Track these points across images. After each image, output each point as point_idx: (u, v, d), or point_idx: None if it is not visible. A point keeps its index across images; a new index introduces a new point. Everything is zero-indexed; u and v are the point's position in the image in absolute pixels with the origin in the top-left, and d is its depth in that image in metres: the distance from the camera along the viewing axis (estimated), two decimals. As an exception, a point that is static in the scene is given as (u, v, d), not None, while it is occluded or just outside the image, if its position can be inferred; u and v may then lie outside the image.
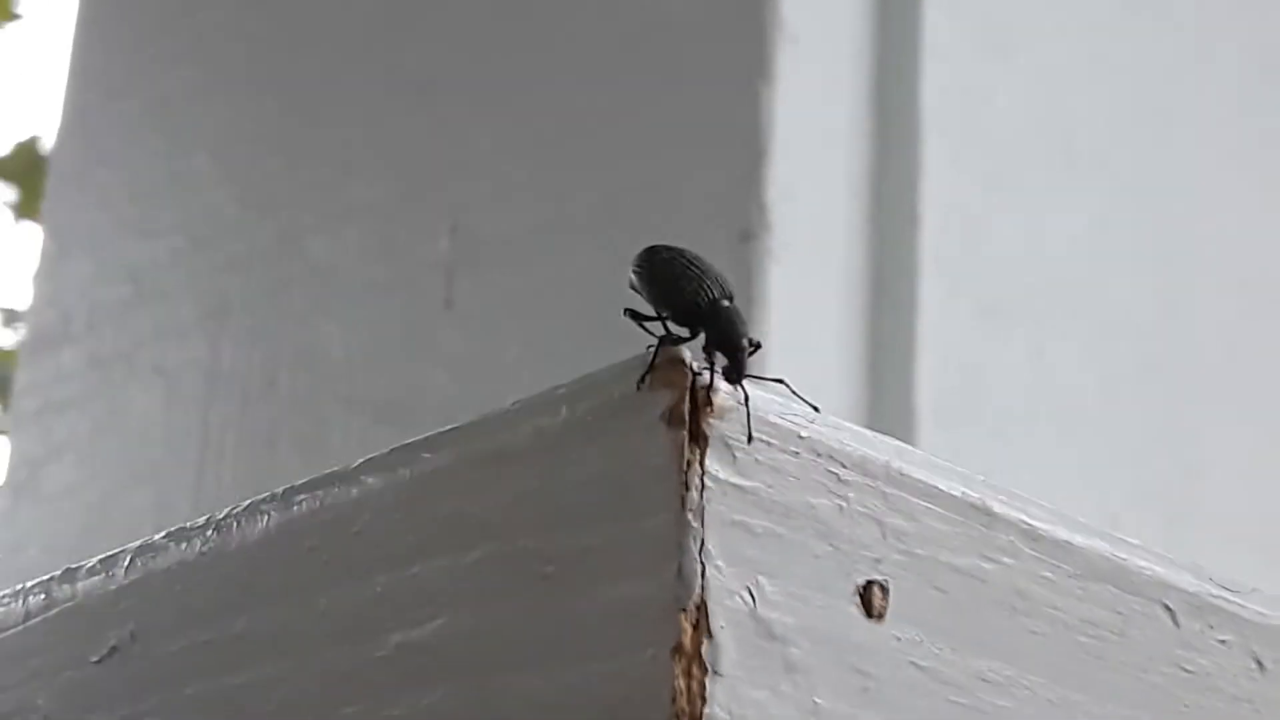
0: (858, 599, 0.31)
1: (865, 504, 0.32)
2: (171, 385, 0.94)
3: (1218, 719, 0.36)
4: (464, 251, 0.81)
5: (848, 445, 0.31)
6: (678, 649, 0.29)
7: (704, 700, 0.29)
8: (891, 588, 0.32)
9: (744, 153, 0.73)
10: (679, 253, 0.34)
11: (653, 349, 0.30)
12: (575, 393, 0.31)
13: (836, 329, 0.74)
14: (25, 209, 1.90)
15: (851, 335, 0.75)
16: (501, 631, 0.31)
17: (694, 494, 0.29)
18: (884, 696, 0.31)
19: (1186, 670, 0.36)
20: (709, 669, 0.29)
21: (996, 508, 0.33)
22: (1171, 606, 0.36)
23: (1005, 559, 0.33)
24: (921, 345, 0.75)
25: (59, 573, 0.39)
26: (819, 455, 0.31)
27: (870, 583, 0.32)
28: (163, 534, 0.37)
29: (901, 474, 0.32)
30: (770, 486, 0.30)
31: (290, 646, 0.35)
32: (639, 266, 0.34)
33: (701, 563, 0.29)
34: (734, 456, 0.30)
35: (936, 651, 0.32)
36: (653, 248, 0.34)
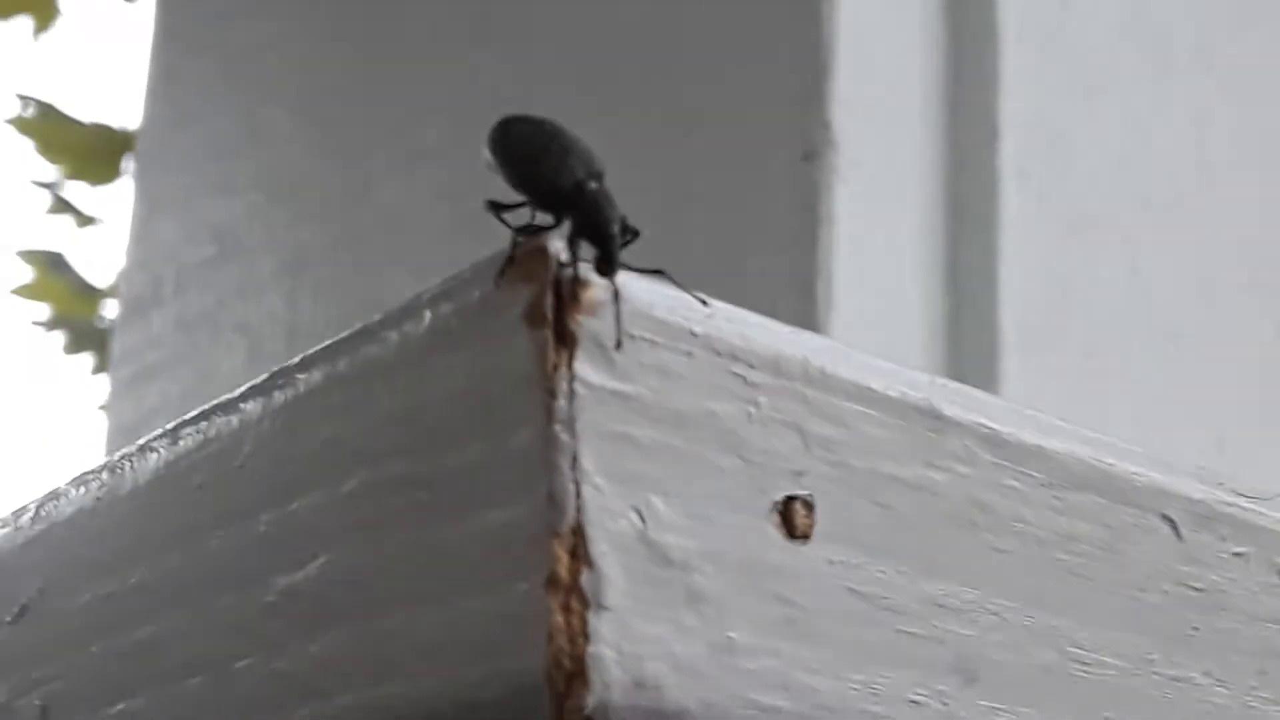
0: (776, 517, 0.27)
1: (780, 409, 0.27)
2: (254, 344, 0.92)
3: (1236, 642, 0.31)
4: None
5: (755, 341, 0.27)
6: (552, 580, 0.25)
7: (586, 637, 0.25)
8: (818, 504, 0.28)
9: (805, 67, 0.69)
10: (539, 125, 0.30)
11: (513, 241, 0.26)
12: (437, 296, 0.27)
13: (911, 251, 0.70)
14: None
15: (927, 257, 0.70)
16: (381, 570, 0.28)
17: (562, 402, 0.26)
18: (815, 628, 0.28)
19: (1194, 588, 0.31)
20: (591, 602, 0.26)
21: (947, 410, 0.29)
22: (1173, 517, 0.31)
23: (960, 468, 0.29)
24: (1005, 265, 0.70)
25: (-24, 527, 0.36)
26: (718, 354, 0.27)
27: (791, 499, 0.28)
28: (67, 481, 0.34)
29: (825, 373, 0.28)
30: (658, 391, 0.26)
31: (185, 596, 0.32)
32: (493, 143, 0.30)
33: (576, 482, 0.26)
34: (611, 359, 0.26)
35: (879, 575, 0.28)
36: (507, 119, 0.30)
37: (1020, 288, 0.69)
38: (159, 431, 0.33)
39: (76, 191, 1.97)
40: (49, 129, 1.94)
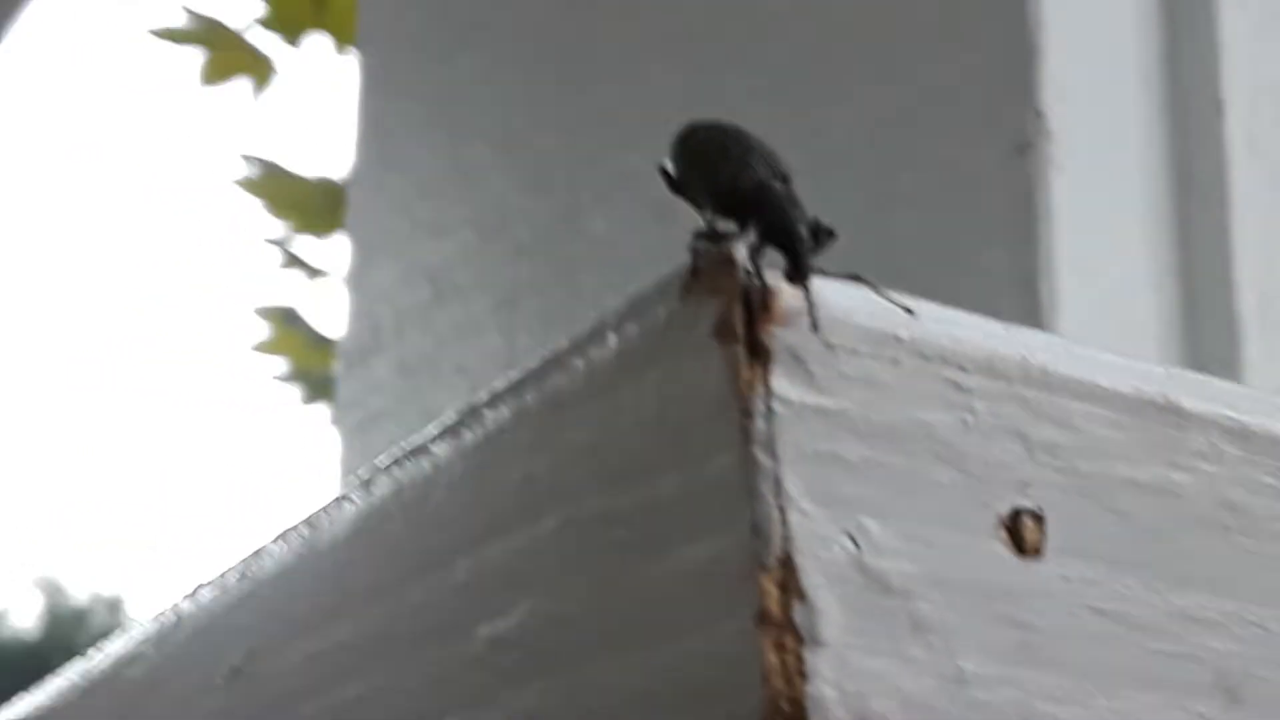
0: (1003, 533, 0.25)
1: (999, 414, 0.25)
2: (474, 383, 0.91)
3: None
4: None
5: (966, 342, 0.25)
6: (763, 617, 0.23)
7: (804, 676, 0.23)
8: (1048, 516, 0.25)
9: (1012, 54, 0.66)
10: (719, 129, 0.28)
11: (693, 250, 0.24)
12: (622, 317, 0.26)
13: (1138, 238, 0.66)
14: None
15: (1156, 243, 0.67)
16: (585, 614, 0.26)
17: (760, 422, 0.24)
18: (1055, 652, 0.25)
19: None
20: (806, 638, 0.24)
21: (1186, 403, 0.27)
22: None
23: (1205, 466, 0.27)
24: (1239, 245, 0.66)
25: (190, 589, 0.36)
26: (927, 359, 0.25)
27: (1018, 512, 0.25)
28: (271, 538, 0.33)
29: (1046, 372, 0.26)
30: (864, 404, 0.24)
31: (389, 651, 0.30)
32: (674, 150, 0.28)
33: (781, 508, 0.24)
34: (810, 371, 0.24)
35: (1123, 590, 0.26)
36: (688, 125, 0.28)
37: (1258, 268, 0.66)
38: (354, 481, 0.31)
39: (305, 246, 2.00)
40: (274, 186, 1.98)
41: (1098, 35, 0.68)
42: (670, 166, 0.28)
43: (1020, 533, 0.25)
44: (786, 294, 0.24)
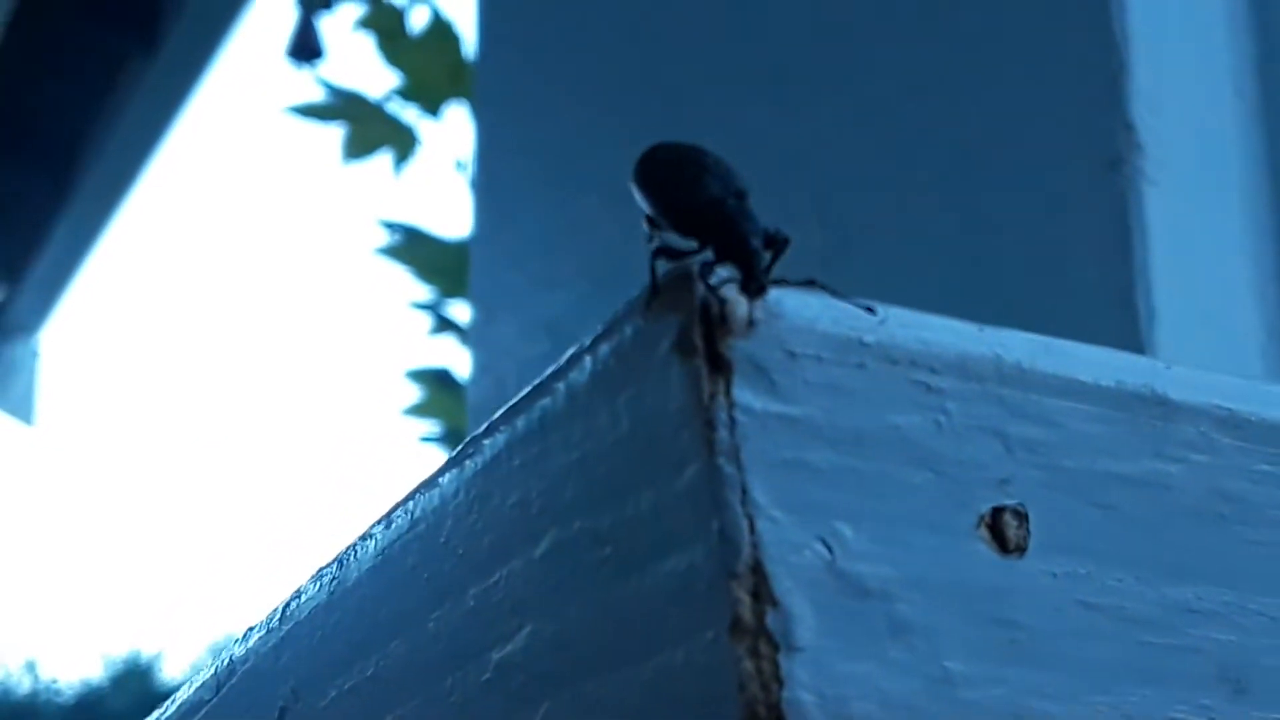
0: (984, 532, 0.25)
1: (974, 414, 0.25)
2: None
3: None
4: (833, 236, 0.76)
5: (936, 344, 0.25)
6: (736, 624, 0.24)
7: (780, 682, 0.24)
8: (1031, 512, 0.25)
9: (1100, 67, 0.65)
10: (677, 149, 0.28)
11: (652, 269, 0.25)
12: (596, 339, 0.26)
13: (1235, 250, 0.65)
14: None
15: (1254, 254, 0.66)
16: (580, 633, 0.27)
17: (723, 433, 0.24)
18: (1044, 648, 0.25)
19: None
20: (780, 644, 0.24)
21: (1175, 395, 0.26)
22: None
23: (1196, 456, 0.26)
24: (1342, 252, 0.65)
25: (240, 635, 0.37)
26: (894, 362, 0.25)
27: (999, 510, 0.25)
28: (307, 577, 0.34)
29: (1022, 370, 0.26)
30: (830, 410, 0.24)
31: (416, 681, 0.31)
32: (635, 172, 0.28)
33: (749, 516, 0.24)
34: (773, 381, 0.24)
35: (1114, 584, 0.26)
36: (649, 148, 0.28)
37: (1361, 273, 0.64)
38: (376, 517, 0.32)
39: (456, 309, 2.02)
40: (417, 252, 2.00)
41: (1188, 46, 0.67)
42: (634, 191, 0.28)
43: (1002, 531, 0.25)
44: (744, 306, 0.24)
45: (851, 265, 0.74)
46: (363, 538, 0.32)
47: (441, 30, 1.96)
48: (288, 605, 0.35)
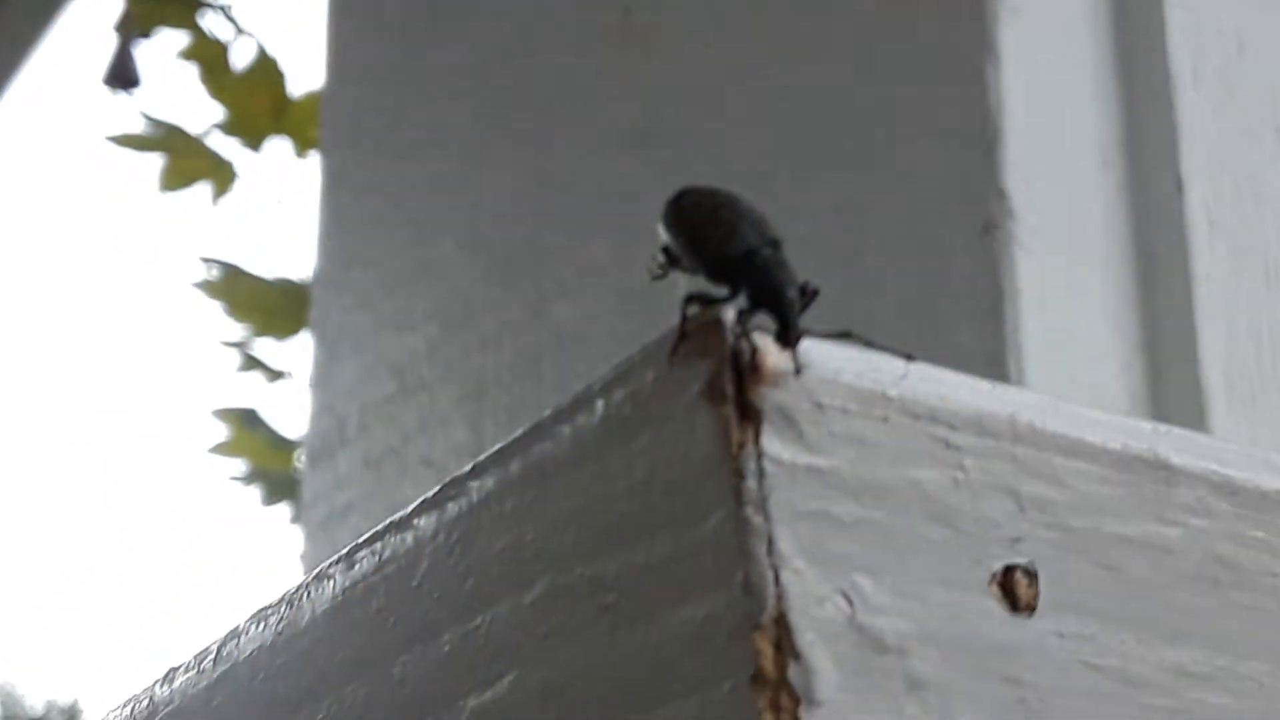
0: (996, 589, 0.25)
1: (989, 471, 0.25)
2: (440, 475, 0.90)
3: None
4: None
5: (955, 401, 0.25)
6: (758, 677, 0.23)
7: (800, 736, 0.23)
8: (1040, 572, 0.25)
9: (975, 137, 0.67)
10: (711, 194, 0.28)
11: (683, 314, 0.24)
12: (609, 383, 0.25)
13: (1103, 315, 0.67)
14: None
15: (1121, 320, 0.67)
16: (576, 681, 0.26)
17: (751, 482, 0.24)
18: (1050, 707, 0.25)
19: None
20: (801, 697, 0.23)
21: (1175, 459, 0.27)
22: None
23: (1194, 521, 0.26)
24: (1203, 318, 0.66)
25: (162, 673, 0.35)
26: (916, 417, 0.25)
27: (1010, 568, 0.25)
28: (246, 618, 0.33)
29: (1035, 429, 0.26)
30: (855, 462, 0.24)
31: (374, 727, 0.30)
32: (665, 215, 0.28)
33: (774, 567, 0.23)
34: (800, 431, 0.24)
35: (1116, 645, 0.26)
36: (680, 190, 0.28)
37: (1223, 343, 0.66)
38: (334, 557, 0.31)
39: (265, 348, 2.00)
40: (234, 289, 1.97)
41: (1059, 117, 0.68)
42: (662, 231, 0.28)
43: (1013, 589, 0.25)
44: (775, 355, 0.24)
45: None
46: (318, 578, 0.31)
47: (266, 66, 1.94)
48: (223, 646, 0.33)
